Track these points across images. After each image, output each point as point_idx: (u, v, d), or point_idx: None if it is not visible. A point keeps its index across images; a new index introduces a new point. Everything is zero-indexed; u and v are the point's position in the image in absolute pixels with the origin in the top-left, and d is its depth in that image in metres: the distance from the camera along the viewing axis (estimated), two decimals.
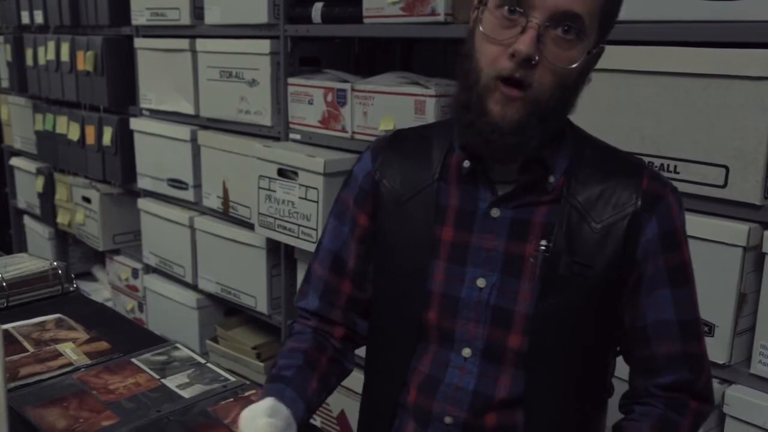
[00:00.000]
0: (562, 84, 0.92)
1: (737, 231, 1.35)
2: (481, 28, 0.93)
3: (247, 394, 1.23)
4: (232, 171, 2.39)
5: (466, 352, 1.02)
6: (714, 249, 1.37)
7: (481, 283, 1.00)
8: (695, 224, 1.40)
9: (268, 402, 0.97)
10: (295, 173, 2.05)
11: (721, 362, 1.40)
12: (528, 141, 0.93)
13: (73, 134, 3.06)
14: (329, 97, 2.06)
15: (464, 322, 1.01)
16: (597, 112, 1.52)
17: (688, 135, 1.40)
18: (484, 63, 0.92)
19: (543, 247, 0.97)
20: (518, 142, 0.93)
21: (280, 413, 0.97)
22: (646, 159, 1.46)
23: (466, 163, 1.01)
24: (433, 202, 1.03)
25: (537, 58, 0.89)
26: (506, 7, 0.90)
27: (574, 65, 0.91)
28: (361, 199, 1.10)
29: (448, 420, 1.02)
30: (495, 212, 1.00)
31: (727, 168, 1.35)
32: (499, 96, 0.91)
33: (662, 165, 1.44)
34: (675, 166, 1.42)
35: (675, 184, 1.41)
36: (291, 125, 2.21)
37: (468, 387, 1.01)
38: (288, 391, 1.02)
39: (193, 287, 2.64)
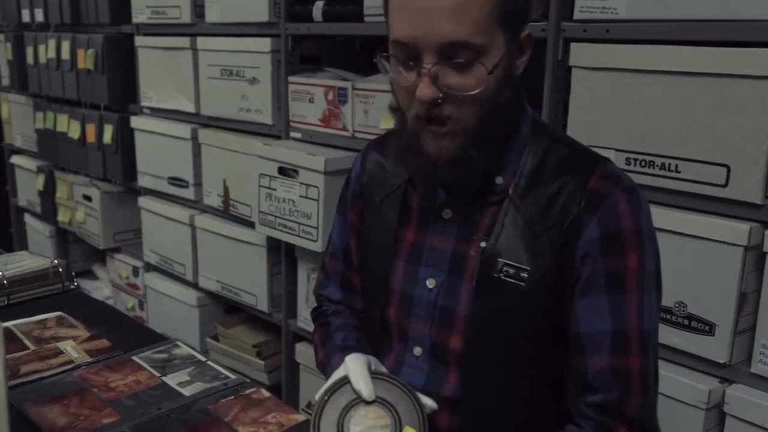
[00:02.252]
0: (483, 103, 0.91)
1: (738, 230, 1.34)
2: (393, 80, 0.95)
3: (247, 392, 1.23)
4: (232, 169, 2.39)
5: (417, 350, 1.04)
6: (715, 248, 1.37)
7: (430, 283, 1.02)
8: (696, 224, 1.40)
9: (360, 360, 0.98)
10: (296, 172, 2.05)
11: (721, 362, 1.40)
12: (473, 169, 0.94)
13: (74, 132, 3.06)
14: (330, 96, 2.06)
15: (416, 320, 1.04)
16: (597, 111, 1.52)
17: (690, 134, 1.40)
18: (404, 107, 0.95)
19: (481, 249, 0.97)
20: (463, 173, 0.93)
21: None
22: (647, 158, 1.46)
23: None
24: (399, 204, 1.06)
25: (441, 95, 0.89)
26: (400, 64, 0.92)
27: (481, 88, 0.89)
28: (353, 199, 1.15)
29: None
30: (446, 213, 1.02)
31: (728, 167, 1.35)
32: (429, 135, 0.93)
33: (663, 164, 1.44)
34: (676, 165, 1.42)
35: (676, 183, 1.43)
36: (292, 124, 2.21)
37: (418, 385, 1.03)
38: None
39: (194, 285, 2.64)
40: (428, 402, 0.96)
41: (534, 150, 0.98)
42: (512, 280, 0.95)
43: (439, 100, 0.89)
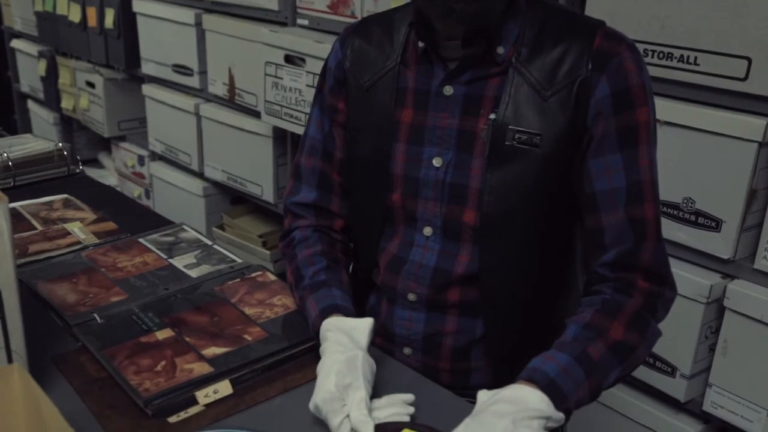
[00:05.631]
0: None
1: (754, 126, 1.32)
2: None
3: (254, 274, 1.25)
4: (238, 57, 2.34)
5: (427, 230, 1.04)
6: (728, 144, 1.35)
7: (437, 162, 1.01)
8: (711, 118, 1.37)
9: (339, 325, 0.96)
10: (303, 60, 2.00)
11: (725, 257, 1.41)
12: (490, 7, 0.93)
13: (74, 15, 2.98)
14: None
15: (424, 201, 1.03)
16: None
17: (711, 24, 1.34)
18: None
19: (490, 120, 0.96)
20: (480, 9, 0.92)
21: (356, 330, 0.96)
22: (666, 49, 1.41)
23: (420, 44, 1.01)
24: (393, 86, 1.04)
25: None
26: None
27: None
28: (336, 88, 1.11)
29: (411, 297, 1.06)
30: (448, 90, 1.00)
31: (749, 60, 1.31)
32: None
33: (682, 56, 1.39)
34: (695, 58, 1.38)
35: (693, 76, 1.39)
36: (299, 10, 2.14)
37: (429, 264, 1.04)
38: (334, 290, 1.04)
39: (200, 175, 2.64)
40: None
41: (531, 19, 0.98)
42: (525, 146, 0.95)
43: None
